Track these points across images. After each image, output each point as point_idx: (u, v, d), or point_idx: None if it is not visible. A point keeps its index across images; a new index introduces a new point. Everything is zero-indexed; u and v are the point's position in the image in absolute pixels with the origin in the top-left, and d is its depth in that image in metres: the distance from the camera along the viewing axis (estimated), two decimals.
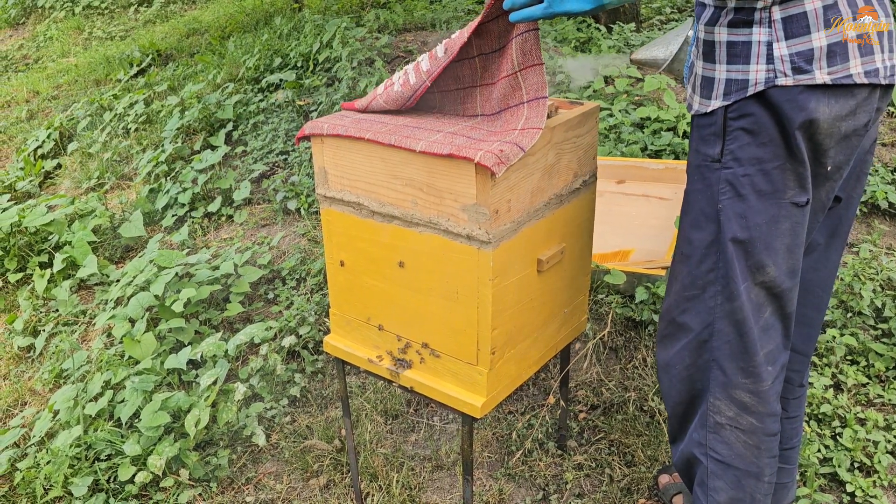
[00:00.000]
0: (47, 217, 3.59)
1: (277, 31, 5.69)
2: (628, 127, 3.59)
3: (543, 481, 2.10)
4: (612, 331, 2.50)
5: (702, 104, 1.46)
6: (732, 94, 1.40)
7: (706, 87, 1.45)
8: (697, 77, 1.48)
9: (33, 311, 3.24)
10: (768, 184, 1.41)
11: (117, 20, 8.92)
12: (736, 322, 1.49)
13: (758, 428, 1.54)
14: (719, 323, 1.52)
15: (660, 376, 1.70)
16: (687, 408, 1.66)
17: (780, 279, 1.47)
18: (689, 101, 1.52)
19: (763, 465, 1.56)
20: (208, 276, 2.95)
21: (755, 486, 1.57)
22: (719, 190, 1.45)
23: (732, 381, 1.53)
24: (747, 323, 1.48)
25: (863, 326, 2.48)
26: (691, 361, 1.59)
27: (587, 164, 1.71)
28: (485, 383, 1.57)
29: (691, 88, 1.51)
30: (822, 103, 1.35)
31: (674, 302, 1.61)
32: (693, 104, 1.50)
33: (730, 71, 1.41)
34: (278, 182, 3.77)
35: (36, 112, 6.21)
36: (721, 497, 1.59)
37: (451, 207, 1.46)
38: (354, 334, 1.79)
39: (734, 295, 1.48)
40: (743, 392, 1.53)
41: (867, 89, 1.37)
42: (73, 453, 2.22)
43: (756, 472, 1.56)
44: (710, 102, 1.44)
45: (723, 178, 1.45)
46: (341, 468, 2.21)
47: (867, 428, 2.11)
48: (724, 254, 1.47)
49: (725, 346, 1.52)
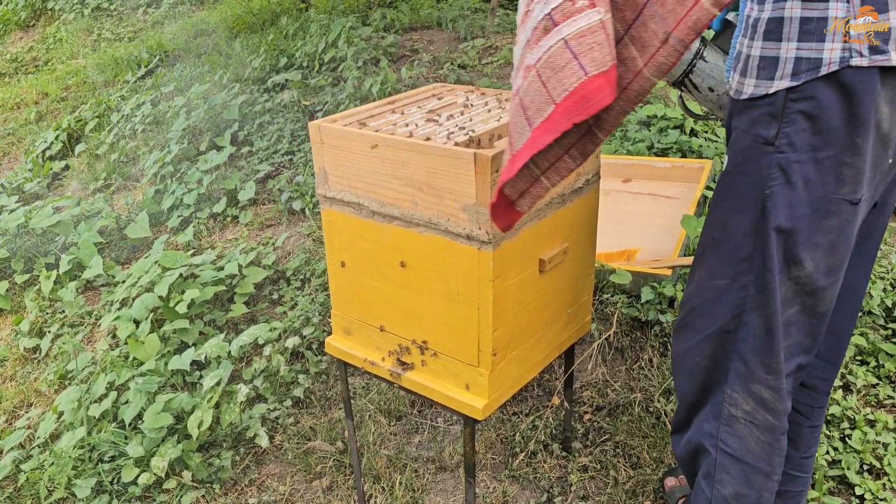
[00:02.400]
0: (54, 218, 3.60)
1: (283, 31, 5.69)
2: (635, 125, 3.56)
3: (547, 483, 2.08)
4: (618, 331, 2.48)
5: (759, 86, 1.36)
6: (802, 75, 1.31)
7: (766, 67, 1.35)
8: (753, 59, 1.37)
9: (39, 313, 3.25)
10: (822, 175, 1.33)
11: (126, 21, 8.95)
12: (766, 315, 1.43)
13: (774, 426, 1.50)
14: (749, 315, 1.45)
15: (674, 364, 1.65)
16: (698, 398, 1.61)
17: (816, 276, 1.40)
18: (737, 88, 1.42)
19: (775, 464, 1.53)
20: (213, 277, 2.94)
21: (763, 484, 1.53)
22: (769, 175, 1.37)
23: (754, 376, 1.48)
24: (776, 318, 1.43)
25: (873, 326, 2.45)
26: (711, 352, 1.54)
27: (590, 162, 1.69)
28: (486, 385, 1.55)
29: (739, 73, 1.41)
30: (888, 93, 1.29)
31: (698, 289, 1.55)
32: (744, 88, 1.39)
33: (801, 49, 1.30)
34: (283, 182, 3.77)
35: (45, 114, 6.24)
36: (726, 490, 1.55)
37: (452, 207, 1.44)
38: (356, 335, 1.78)
39: (769, 287, 1.41)
40: (763, 387, 1.48)
41: None
42: (77, 455, 2.22)
43: (767, 471, 1.53)
44: (773, 83, 1.34)
45: (775, 162, 1.36)
46: (344, 470, 2.20)
47: (877, 430, 2.08)
48: (766, 243, 1.39)
49: (751, 338, 1.46)
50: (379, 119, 1.68)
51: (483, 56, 4.76)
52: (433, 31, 5.35)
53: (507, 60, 4.57)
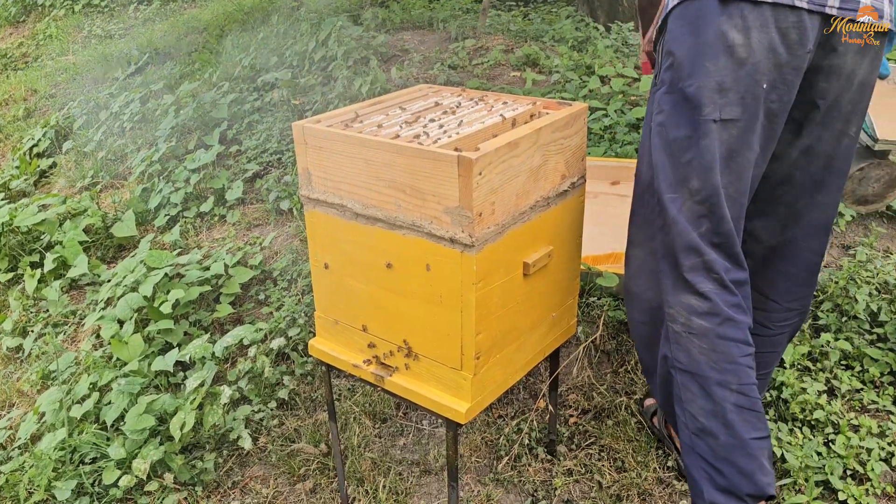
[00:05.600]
0: (38, 217, 3.57)
1: (274, 29, 5.66)
2: (623, 127, 3.56)
3: (532, 487, 2.08)
4: (604, 334, 2.48)
5: None
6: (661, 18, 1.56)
7: None
8: None
9: (23, 312, 3.22)
10: (685, 101, 1.50)
11: (117, 18, 8.90)
12: (666, 229, 1.58)
13: (708, 329, 1.54)
14: (660, 234, 1.61)
15: (626, 300, 1.82)
16: (651, 330, 1.74)
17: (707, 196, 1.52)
18: None
19: (724, 370, 1.53)
20: (199, 277, 2.92)
21: (722, 394, 1.53)
22: (652, 109, 1.61)
23: (677, 287, 1.58)
24: (673, 228, 1.55)
25: (858, 331, 2.45)
26: (647, 273, 1.71)
27: (575, 165, 1.68)
28: (469, 388, 1.54)
29: None
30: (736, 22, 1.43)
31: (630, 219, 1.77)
32: None
33: None
34: (271, 182, 3.75)
35: (33, 110, 6.19)
36: (692, 407, 1.57)
37: (435, 210, 1.43)
38: (339, 337, 1.77)
39: (662, 203, 1.58)
40: (688, 295, 1.57)
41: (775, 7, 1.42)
42: (58, 456, 2.20)
43: (719, 379, 1.53)
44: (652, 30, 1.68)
45: (655, 98, 1.59)
46: (328, 472, 2.18)
47: (860, 435, 2.08)
48: (655, 167, 1.58)
49: (666, 254, 1.60)
50: (363, 120, 1.67)
51: (474, 56, 4.75)
52: (424, 31, 5.34)
53: (497, 61, 4.56)
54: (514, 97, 1.80)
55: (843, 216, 2.97)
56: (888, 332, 2.41)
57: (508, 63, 4.55)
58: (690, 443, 1.59)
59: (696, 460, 1.58)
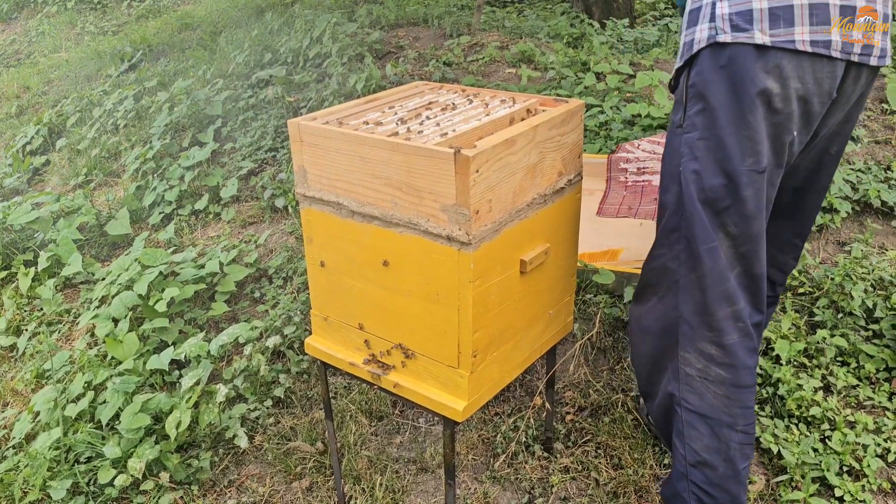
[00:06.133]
0: (32, 215, 3.55)
1: (268, 26, 5.64)
2: (619, 124, 3.56)
3: (529, 484, 2.07)
4: (601, 331, 2.48)
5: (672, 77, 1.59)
6: (684, 55, 1.50)
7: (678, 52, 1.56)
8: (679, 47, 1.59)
9: (17, 310, 3.21)
10: (722, 149, 1.47)
11: (110, 15, 8.86)
12: (697, 279, 1.56)
13: (726, 378, 1.59)
14: (683, 280, 1.59)
15: (631, 330, 1.78)
16: (657, 361, 1.73)
17: (744, 242, 1.53)
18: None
19: (735, 415, 1.61)
20: (193, 275, 2.91)
21: (729, 435, 1.61)
22: (680, 153, 1.54)
23: (698, 335, 1.59)
24: (706, 279, 1.55)
25: (854, 327, 2.45)
26: (662, 314, 1.67)
27: (572, 163, 1.68)
28: (466, 386, 1.54)
29: None
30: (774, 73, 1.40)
31: (647, 260, 1.70)
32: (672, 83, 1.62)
33: (686, 35, 1.50)
34: (266, 179, 3.73)
35: (26, 108, 6.16)
36: (696, 444, 1.64)
37: (431, 208, 1.43)
38: (336, 336, 1.76)
39: (693, 252, 1.55)
40: (709, 344, 1.59)
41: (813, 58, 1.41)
42: (53, 456, 2.19)
43: (729, 422, 1.61)
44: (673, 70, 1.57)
45: (683, 142, 1.53)
46: (325, 471, 2.18)
47: (857, 431, 2.09)
48: (685, 214, 1.55)
49: (689, 302, 1.59)
50: (359, 117, 1.66)
51: (469, 53, 4.74)
52: (419, 28, 5.32)
53: (492, 58, 4.55)
54: (511, 94, 1.79)
55: (839, 213, 2.97)
56: (884, 328, 2.42)
57: (504, 60, 4.54)
58: (685, 471, 1.66)
59: (688, 486, 1.67)
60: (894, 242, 2.93)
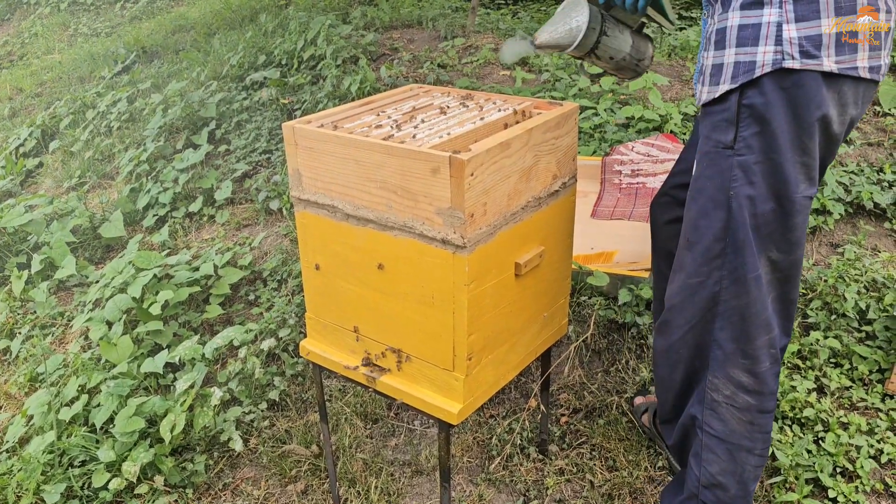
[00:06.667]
0: (25, 217, 3.54)
1: (262, 28, 5.64)
2: (613, 126, 3.57)
3: (524, 487, 2.08)
4: (595, 333, 2.48)
5: (710, 92, 1.46)
6: (740, 77, 1.40)
7: (715, 74, 1.45)
8: (707, 68, 1.48)
9: (10, 313, 3.19)
10: (781, 175, 1.42)
11: (103, 16, 8.84)
12: (740, 306, 1.52)
13: (753, 405, 1.57)
14: (723, 306, 1.53)
15: (657, 360, 1.72)
16: (684, 388, 1.70)
17: (785, 268, 1.51)
18: (698, 97, 1.53)
19: (756, 440, 1.60)
20: (188, 278, 2.90)
21: (746, 458, 1.61)
22: (731, 176, 1.45)
23: (731, 361, 1.56)
24: (751, 308, 1.51)
25: (846, 329, 2.46)
26: (692, 344, 1.62)
27: (566, 165, 1.68)
28: (461, 389, 1.54)
29: (700, 84, 1.51)
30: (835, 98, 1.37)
31: (678, 288, 1.62)
32: (702, 96, 1.49)
33: (738, 54, 1.40)
34: (261, 181, 3.73)
35: (19, 109, 6.14)
36: (713, 468, 1.63)
37: (426, 211, 1.43)
38: (331, 338, 1.76)
39: (740, 280, 1.50)
40: (741, 372, 1.56)
41: (865, 83, 1.40)
42: (47, 460, 2.18)
43: (749, 447, 1.60)
44: (719, 87, 1.44)
45: (735, 164, 1.44)
46: (320, 473, 2.18)
47: (850, 432, 2.09)
48: (735, 241, 1.48)
49: (728, 327, 1.54)
50: (354, 121, 1.66)
51: (463, 55, 4.74)
52: (413, 30, 5.33)
53: (486, 60, 4.56)
54: (505, 97, 1.80)
55: (832, 214, 2.98)
56: (876, 329, 2.43)
57: (498, 62, 4.54)
58: (696, 492, 1.66)
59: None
60: (887, 244, 2.95)
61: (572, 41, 1.65)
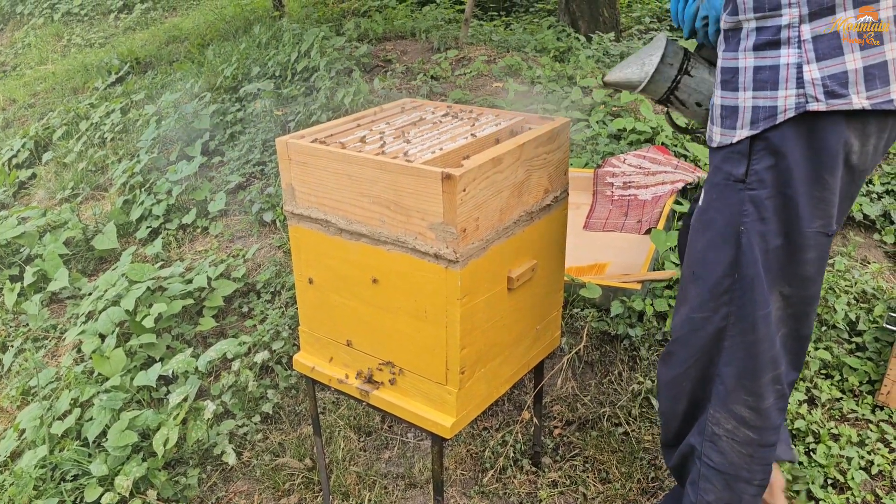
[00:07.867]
0: (18, 229, 3.53)
1: (256, 39, 5.65)
2: (605, 138, 3.59)
3: (517, 499, 2.08)
4: (588, 345, 2.49)
5: (725, 135, 1.38)
6: (760, 123, 1.32)
7: (729, 116, 1.37)
8: (716, 108, 1.40)
9: (2, 326, 3.18)
10: (794, 209, 1.35)
11: (97, 27, 8.84)
12: (747, 343, 1.47)
13: (754, 440, 1.55)
14: (729, 341, 1.49)
15: (660, 390, 1.69)
16: (686, 419, 1.67)
17: (797, 304, 1.46)
18: (709, 135, 1.45)
19: (755, 472, 1.58)
20: (181, 290, 2.90)
21: (744, 489, 1.59)
22: (742, 211, 1.39)
23: (733, 397, 1.52)
24: (758, 346, 1.46)
25: (837, 340, 2.48)
26: (697, 376, 1.58)
27: (558, 179, 1.70)
28: (454, 403, 1.54)
29: (711, 121, 1.44)
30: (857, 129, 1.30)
31: (682, 321, 1.58)
32: (714, 137, 1.41)
33: (756, 98, 1.32)
34: (254, 193, 3.74)
35: (12, 120, 6.13)
36: (710, 497, 1.62)
37: (419, 226, 1.44)
38: (324, 352, 1.77)
39: (748, 318, 1.44)
40: (743, 408, 1.53)
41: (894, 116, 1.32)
42: (39, 474, 2.17)
43: (747, 478, 1.59)
44: (735, 133, 1.36)
45: (747, 198, 1.38)
46: (313, 487, 2.17)
47: (840, 444, 2.11)
48: (744, 278, 1.42)
49: (733, 363, 1.50)
50: (347, 135, 1.67)
51: (456, 67, 4.77)
52: (407, 42, 5.35)
53: (479, 72, 4.58)
54: (497, 111, 1.81)
55: None
56: (866, 340, 2.44)
57: (491, 74, 4.57)
58: None
59: None
60: (877, 255, 2.97)
61: (643, 77, 1.53)
